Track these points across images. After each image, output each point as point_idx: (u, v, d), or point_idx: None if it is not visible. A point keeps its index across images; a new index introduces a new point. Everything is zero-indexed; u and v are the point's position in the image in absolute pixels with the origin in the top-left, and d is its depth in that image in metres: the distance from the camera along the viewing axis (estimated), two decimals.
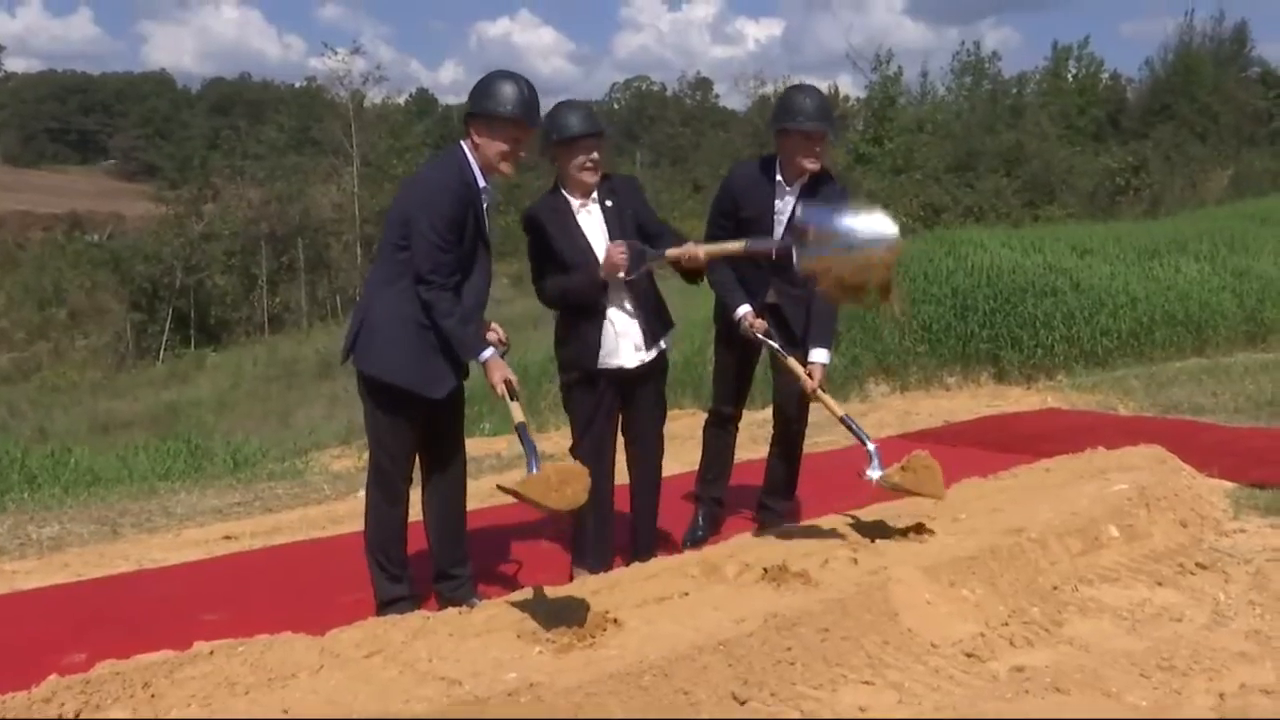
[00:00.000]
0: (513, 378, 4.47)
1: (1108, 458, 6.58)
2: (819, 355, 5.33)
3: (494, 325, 4.68)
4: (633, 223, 4.95)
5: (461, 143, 4.53)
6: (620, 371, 4.96)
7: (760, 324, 5.35)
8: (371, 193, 42.73)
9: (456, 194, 4.40)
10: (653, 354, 5.01)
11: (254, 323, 43.09)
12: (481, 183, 4.48)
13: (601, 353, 4.93)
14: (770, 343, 5.37)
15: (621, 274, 4.81)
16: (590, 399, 5.00)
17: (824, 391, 5.33)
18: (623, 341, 4.94)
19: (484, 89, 4.45)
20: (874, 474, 5.16)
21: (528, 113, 4.44)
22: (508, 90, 4.41)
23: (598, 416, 4.99)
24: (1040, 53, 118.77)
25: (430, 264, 4.35)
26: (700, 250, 4.95)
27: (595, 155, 4.86)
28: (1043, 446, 7.38)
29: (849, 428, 5.34)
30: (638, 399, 5.04)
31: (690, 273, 5.03)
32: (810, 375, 5.26)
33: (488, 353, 4.46)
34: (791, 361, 5.28)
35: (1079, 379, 11.94)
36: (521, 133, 4.47)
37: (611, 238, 4.89)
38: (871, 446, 5.25)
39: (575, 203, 4.93)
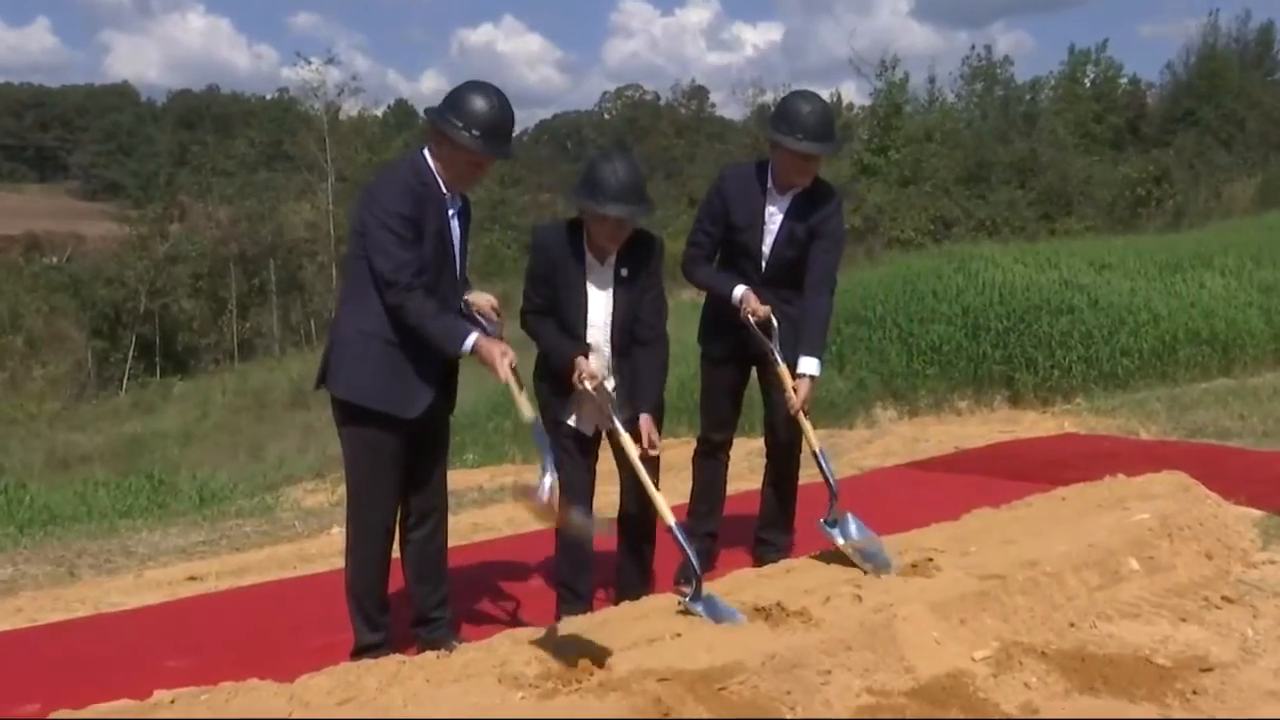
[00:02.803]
0: (513, 356, 4.28)
1: (1128, 485, 6.57)
2: (808, 365, 5.23)
3: (478, 294, 4.59)
4: (638, 301, 4.90)
5: (424, 150, 4.45)
6: (581, 434, 4.98)
7: (764, 310, 5.25)
8: (347, 210, 42.74)
9: (410, 190, 4.31)
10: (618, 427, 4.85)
11: (223, 349, 43.12)
12: (444, 189, 4.40)
13: (565, 409, 4.92)
14: (765, 338, 5.27)
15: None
16: (563, 439, 4.98)
17: (807, 413, 5.26)
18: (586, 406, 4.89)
19: (453, 105, 4.34)
20: (836, 537, 5.17)
21: (490, 146, 4.33)
22: (475, 115, 4.29)
23: (575, 456, 4.99)
24: (1055, 57, 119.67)
25: (391, 264, 4.24)
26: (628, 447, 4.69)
27: (627, 231, 4.79)
28: (1059, 474, 7.37)
29: (820, 466, 5.27)
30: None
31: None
32: (796, 389, 5.20)
33: (472, 337, 4.27)
34: (782, 370, 5.23)
35: (1098, 402, 11.97)
36: (483, 160, 4.41)
37: (615, 312, 4.87)
38: (834, 501, 5.21)
39: (590, 258, 4.88)
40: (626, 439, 4.67)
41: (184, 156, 59.33)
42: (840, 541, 5.19)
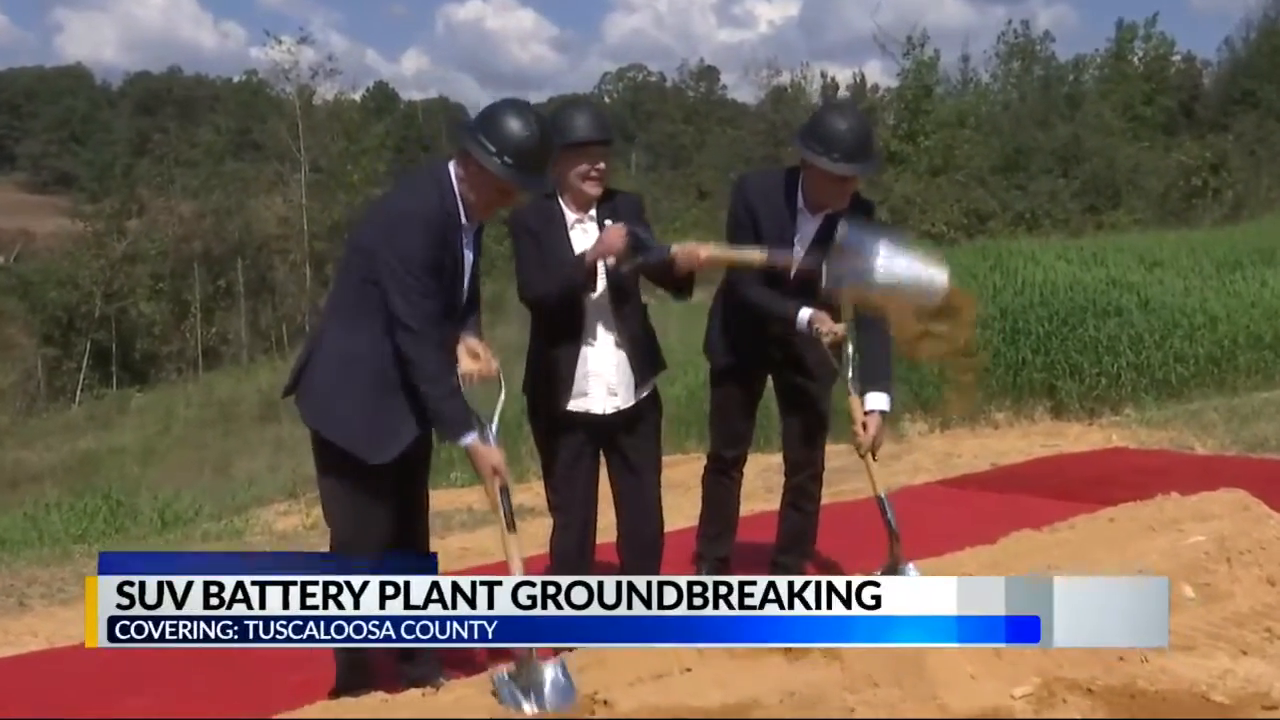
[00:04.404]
0: (504, 469, 4.35)
1: (1182, 505, 6.55)
2: (877, 400, 5.24)
3: (471, 343, 4.53)
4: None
5: (449, 164, 4.39)
6: (591, 417, 4.99)
7: (841, 329, 5.22)
8: (323, 204, 42.93)
9: (435, 228, 4.25)
10: (632, 401, 4.99)
11: (186, 357, 43.16)
12: (464, 219, 4.35)
13: (572, 393, 4.96)
14: (837, 363, 5.30)
15: (613, 260, 4.84)
16: (562, 449, 5.02)
17: (875, 453, 5.30)
18: (594, 382, 4.96)
19: (485, 125, 4.28)
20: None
21: (522, 176, 4.27)
22: (509, 139, 4.22)
23: (573, 471, 5.03)
24: (1101, 33, 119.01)
25: (410, 310, 4.19)
26: (702, 250, 4.95)
27: (601, 165, 4.89)
28: (1106, 492, 7.37)
29: (882, 511, 5.30)
30: (623, 449, 5.08)
31: (679, 284, 5.02)
32: (865, 426, 5.21)
33: (470, 437, 4.28)
34: (855, 403, 5.25)
35: (1149, 413, 11.95)
36: (513, 190, 4.37)
37: (608, 267, 4.93)
38: (894, 546, 5.27)
39: (571, 216, 4.97)
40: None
41: (143, 145, 59.29)
42: None
